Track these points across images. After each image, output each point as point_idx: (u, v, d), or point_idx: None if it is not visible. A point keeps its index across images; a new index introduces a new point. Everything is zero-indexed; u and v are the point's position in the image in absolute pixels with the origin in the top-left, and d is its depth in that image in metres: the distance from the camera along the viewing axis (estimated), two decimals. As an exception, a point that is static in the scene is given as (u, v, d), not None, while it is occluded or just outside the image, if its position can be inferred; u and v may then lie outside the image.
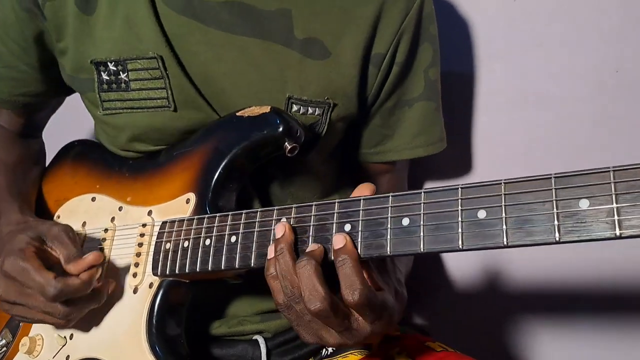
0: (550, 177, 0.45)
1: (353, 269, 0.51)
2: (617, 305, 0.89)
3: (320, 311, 0.51)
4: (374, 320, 0.53)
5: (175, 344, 0.67)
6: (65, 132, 0.97)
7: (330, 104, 0.73)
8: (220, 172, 0.69)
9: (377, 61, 0.74)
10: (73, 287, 0.64)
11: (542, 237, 0.45)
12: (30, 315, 0.66)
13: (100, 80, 0.73)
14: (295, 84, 0.72)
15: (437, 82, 0.81)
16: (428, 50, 0.78)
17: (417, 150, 0.82)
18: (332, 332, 0.54)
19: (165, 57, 0.70)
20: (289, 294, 0.54)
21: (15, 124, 0.88)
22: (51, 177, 0.88)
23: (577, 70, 0.87)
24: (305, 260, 0.52)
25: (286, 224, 0.56)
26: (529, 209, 0.46)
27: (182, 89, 0.71)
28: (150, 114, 0.73)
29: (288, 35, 0.71)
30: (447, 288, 1.02)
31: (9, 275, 0.64)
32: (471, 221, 0.48)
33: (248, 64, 0.71)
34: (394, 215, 0.52)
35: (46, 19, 0.73)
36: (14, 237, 0.68)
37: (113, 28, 0.71)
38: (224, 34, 0.70)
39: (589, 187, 0.43)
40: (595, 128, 0.87)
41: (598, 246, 0.53)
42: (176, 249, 0.66)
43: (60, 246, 0.67)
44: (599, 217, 0.43)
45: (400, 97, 0.79)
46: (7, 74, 0.81)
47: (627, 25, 0.83)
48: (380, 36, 0.73)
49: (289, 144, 0.67)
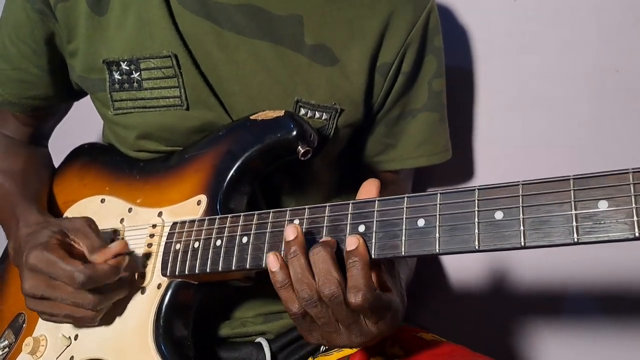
0: (569, 179, 0.45)
1: (361, 271, 0.51)
2: (616, 301, 0.89)
3: (333, 296, 0.51)
4: (377, 321, 0.53)
5: (182, 345, 0.67)
6: (73, 135, 0.97)
7: (338, 109, 0.75)
8: (233, 174, 0.69)
9: (383, 70, 0.76)
10: (102, 272, 0.63)
11: (560, 238, 0.45)
12: (57, 311, 0.65)
13: (112, 79, 0.74)
14: (304, 88, 0.73)
15: (441, 93, 0.83)
16: (432, 62, 0.80)
17: (420, 159, 0.84)
18: (341, 334, 0.54)
19: (180, 56, 0.71)
20: (305, 298, 0.53)
21: (22, 132, 0.88)
22: (60, 180, 0.88)
23: (577, 70, 0.88)
24: (320, 247, 0.52)
25: (297, 227, 0.56)
26: (546, 210, 0.46)
27: (195, 88, 0.72)
28: (162, 113, 0.73)
29: (298, 41, 0.72)
30: (445, 285, 1.02)
31: (35, 268, 0.64)
32: (488, 222, 0.48)
33: (259, 67, 0.72)
34: (409, 217, 0.52)
35: (57, 20, 0.74)
36: (37, 233, 0.68)
37: (125, 28, 0.72)
38: (237, 36, 0.72)
39: (608, 188, 0.44)
40: (595, 129, 0.88)
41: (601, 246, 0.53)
42: (186, 249, 0.66)
43: (83, 238, 0.67)
44: (618, 218, 0.43)
45: (404, 107, 0.81)
46: (17, 76, 0.81)
47: (627, 26, 0.84)
48: (387, 46, 0.75)
49: (302, 148, 0.68)
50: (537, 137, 0.92)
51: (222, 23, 0.71)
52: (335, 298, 0.51)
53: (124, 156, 0.82)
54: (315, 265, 0.52)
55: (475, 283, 0.99)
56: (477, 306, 1.00)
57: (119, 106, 0.75)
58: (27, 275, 0.65)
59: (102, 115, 0.80)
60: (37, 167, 0.88)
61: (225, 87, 0.73)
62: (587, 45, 0.86)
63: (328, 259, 0.52)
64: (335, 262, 0.52)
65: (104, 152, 0.86)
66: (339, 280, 0.51)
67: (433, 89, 0.81)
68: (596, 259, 0.89)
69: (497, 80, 0.94)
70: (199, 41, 0.72)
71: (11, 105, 0.83)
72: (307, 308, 0.53)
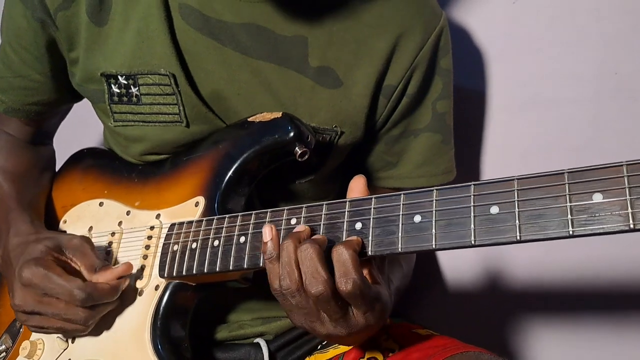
0: (563, 173, 0.46)
1: (349, 257, 0.51)
2: (610, 296, 0.90)
3: (321, 295, 0.51)
4: (367, 312, 0.53)
5: (179, 347, 0.66)
6: (74, 140, 0.97)
7: (338, 131, 0.74)
8: (231, 175, 0.69)
9: (387, 92, 0.75)
10: (103, 291, 0.64)
11: (555, 231, 0.45)
12: (48, 324, 0.65)
13: (110, 92, 0.73)
14: (305, 110, 0.72)
15: (445, 115, 0.81)
16: (438, 83, 0.78)
17: (419, 180, 0.82)
18: (325, 323, 0.54)
19: (177, 75, 0.70)
20: (284, 287, 0.53)
21: (25, 132, 0.87)
22: (59, 184, 0.88)
23: (577, 72, 0.87)
24: (308, 243, 0.52)
25: (307, 227, 0.56)
26: (542, 203, 0.46)
27: (194, 106, 0.71)
28: (162, 128, 0.73)
29: (302, 62, 0.71)
30: (440, 281, 1.02)
31: (29, 283, 0.64)
32: (484, 217, 0.48)
33: (261, 87, 0.71)
34: (406, 213, 0.52)
35: (58, 28, 0.73)
36: (27, 247, 0.67)
37: (125, 41, 0.71)
38: (240, 55, 0.70)
39: (603, 180, 0.44)
40: (594, 130, 0.88)
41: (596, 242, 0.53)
42: (184, 250, 0.66)
43: (82, 257, 0.67)
44: (613, 210, 0.43)
45: (406, 126, 0.79)
46: (19, 84, 0.80)
47: (626, 28, 0.84)
48: (393, 69, 0.74)
49: (299, 149, 0.68)
50: (536, 138, 0.92)
51: (225, 41, 0.70)
52: (322, 297, 0.51)
53: (123, 160, 0.82)
54: (302, 262, 0.52)
55: (471, 280, 0.99)
56: (473, 303, 1.00)
57: (119, 118, 0.75)
58: (19, 290, 0.65)
59: (103, 123, 0.80)
60: (38, 173, 0.87)
61: (225, 106, 0.72)
62: (587, 47, 0.87)
63: (314, 257, 0.51)
64: (322, 260, 0.51)
65: (102, 157, 0.86)
66: (326, 278, 0.51)
67: (437, 110, 0.79)
68: (590, 255, 0.89)
69: (496, 82, 0.94)
70: (200, 59, 0.71)
71: (15, 112, 0.82)
72: (287, 296, 0.53)
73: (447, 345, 0.68)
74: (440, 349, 0.67)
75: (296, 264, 0.52)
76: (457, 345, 0.68)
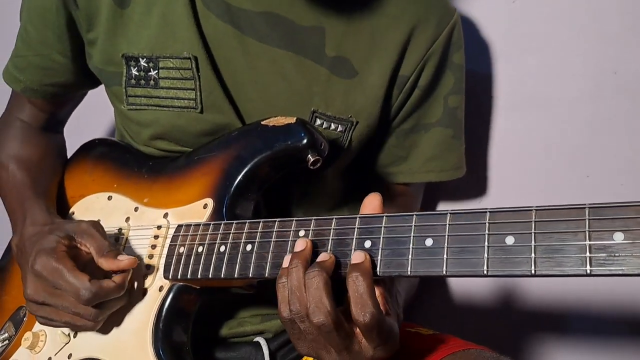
0: (584, 207, 0.44)
1: (367, 288, 0.50)
2: (614, 298, 0.89)
3: (322, 325, 0.50)
4: (378, 345, 0.52)
5: (180, 350, 0.66)
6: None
7: (353, 122, 0.74)
8: (241, 179, 0.68)
9: (400, 83, 0.76)
10: (108, 289, 0.63)
11: (572, 269, 0.43)
12: (57, 317, 0.65)
13: (129, 74, 0.74)
14: (321, 99, 0.73)
15: (457, 109, 0.82)
16: (450, 78, 0.79)
17: (429, 174, 0.83)
18: (331, 353, 0.53)
19: (200, 59, 0.70)
20: (294, 311, 0.52)
21: (39, 119, 0.88)
22: (68, 174, 0.88)
23: (576, 72, 0.87)
24: (316, 271, 0.51)
25: (308, 241, 0.55)
26: (560, 238, 0.44)
27: (211, 92, 0.72)
28: (175, 114, 0.73)
29: (319, 52, 0.72)
30: (443, 283, 1.02)
31: (40, 275, 0.64)
32: (498, 247, 0.46)
33: (278, 76, 0.72)
34: (417, 235, 0.51)
35: (79, 7, 0.73)
36: (43, 237, 0.67)
37: (148, 24, 0.72)
38: (259, 43, 0.71)
39: (625, 220, 0.42)
40: (593, 130, 0.87)
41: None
42: (190, 253, 0.65)
43: (90, 239, 0.66)
44: (634, 252, 0.41)
45: (418, 120, 0.80)
46: (39, 63, 0.80)
47: (625, 27, 0.83)
48: (407, 60, 0.75)
49: (312, 157, 0.67)
50: (535, 138, 0.91)
51: (244, 29, 0.71)
52: (324, 327, 0.50)
53: (134, 154, 0.81)
54: (308, 289, 0.51)
55: (473, 279, 0.98)
56: (475, 302, 1.00)
57: (133, 102, 0.75)
58: (31, 280, 0.65)
59: (115, 108, 0.80)
60: (51, 160, 0.87)
61: (242, 93, 0.73)
62: (586, 47, 0.86)
63: (321, 286, 0.50)
64: (328, 290, 0.50)
65: (114, 149, 0.85)
66: (329, 310, 0.50)
67: (449, 105, 0.80)
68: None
69: (495, 82, 0.94)
70: (221, 45, 0.71)
71: (32, 91, 0.83)
72: (295, 319, 0.52)
73: (451, 343, 0.68)
74: (442, 346, 0.67)
75: (305, 288, 0.52)
76: (459, 343, 0.68)
